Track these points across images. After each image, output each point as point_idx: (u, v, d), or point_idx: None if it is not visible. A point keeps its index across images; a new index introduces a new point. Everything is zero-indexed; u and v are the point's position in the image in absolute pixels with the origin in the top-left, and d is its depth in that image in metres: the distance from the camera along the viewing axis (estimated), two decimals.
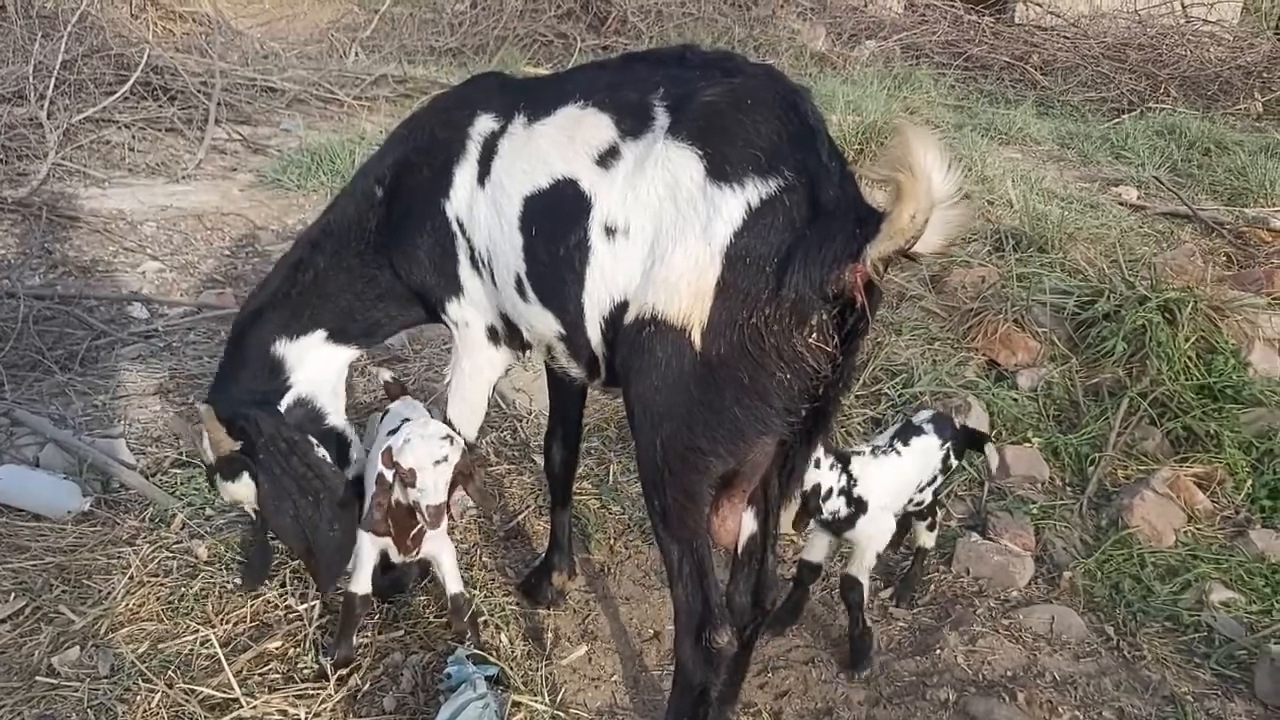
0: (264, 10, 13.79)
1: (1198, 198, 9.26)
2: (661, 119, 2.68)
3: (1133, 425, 4.99)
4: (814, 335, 2.49)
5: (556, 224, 2.80)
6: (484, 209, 3.00)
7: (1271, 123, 12.73)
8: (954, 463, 3.86)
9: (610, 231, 2.68)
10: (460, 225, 3.08)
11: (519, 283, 2.94)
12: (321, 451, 3.36)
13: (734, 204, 2.49)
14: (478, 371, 3.31)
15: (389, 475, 3.01)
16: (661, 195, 2.59)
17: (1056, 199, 8.81)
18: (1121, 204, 8.95)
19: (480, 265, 3.09)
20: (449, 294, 3.21)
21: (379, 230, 3.27)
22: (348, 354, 3.52)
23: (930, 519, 3.97)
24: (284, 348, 3.39)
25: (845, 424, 5.00)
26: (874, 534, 3.57)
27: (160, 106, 9.15)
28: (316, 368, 3.45)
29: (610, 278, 2.70)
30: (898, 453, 3.66)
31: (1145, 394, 5.05)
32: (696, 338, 2.52)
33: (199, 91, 9.34)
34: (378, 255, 3.29)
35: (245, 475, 3.23)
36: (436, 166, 3.12)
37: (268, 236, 7.14)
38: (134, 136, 8.66)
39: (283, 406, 3.39)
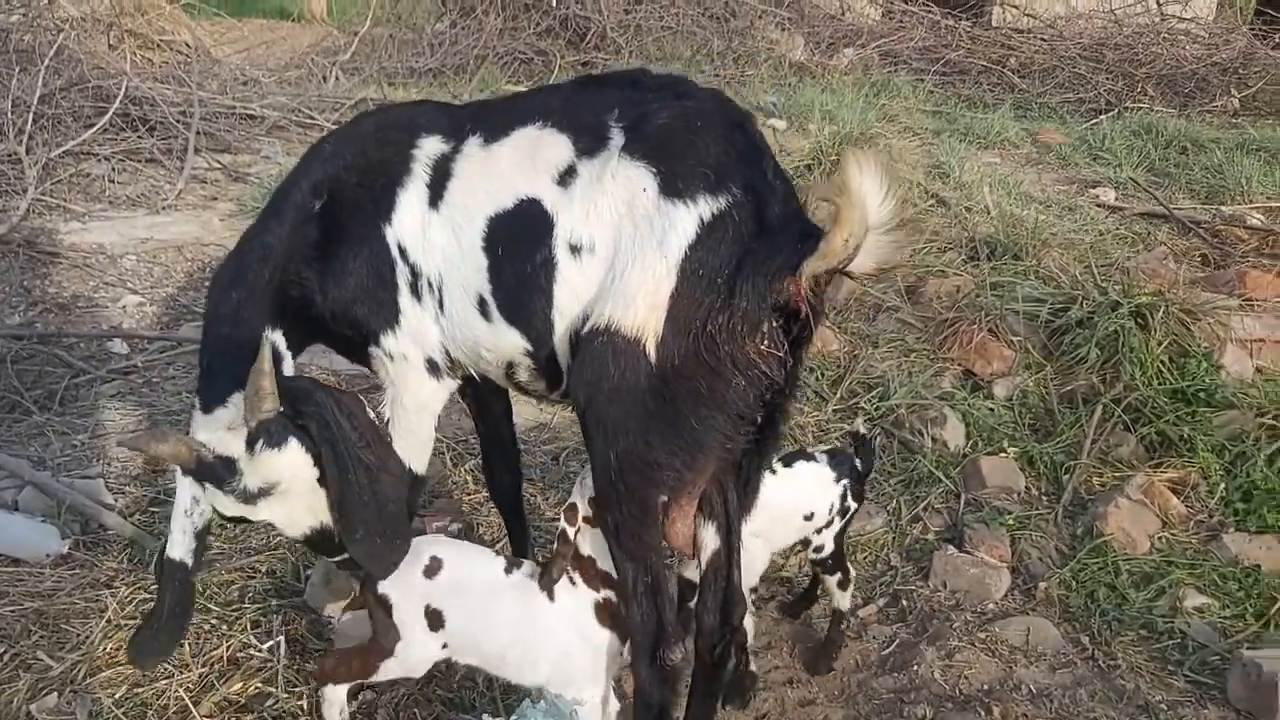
0: (243, 37, 13.83)
1: (1175, 196, 9.32)
2: (617, 139, 2.76)
3: (1107, 432, 5.03)
4: (765, 342, 2.57)
5: (521, 243, 2.83)
6: (439, 232, 2.98)
7: (1248, 119, 12.81)
8: (853, 505, 3.63)
9: (575, 249, 2.74)
10: (402, 250, 3.02)
11: (482, 303, 2.95)
12: (373, 414, 3.01)
13: (687, 219, 2.58)
14: (423, 406, 3.24)
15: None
16: (620, 212, 2.68)
17: (1035, 203, 8.86)
18: (1100, 206, 9.00)
19: (425, 291, 3.03)
20: (384, 325, 3.09)
21: (312, 247, 3.12)
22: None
23: (840, 574, 3.69)
24: (275, 336, 3.12)
25: (824, 438, 5.03)
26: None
27: (140, 137, 9.16)
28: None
29: (581, 293, 2.75)
30: (773, 471, 3.32)
31: (1119, 400, 5.09)
32: (651, 349, 2.58)
33: (178, 121, 9.37)
34: (306, 270, 3.13)
35: (293, 441, 2.77)
36: (376, 188, 3.04)
37: None
38: (114, 169, 8.67)
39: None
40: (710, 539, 3.01)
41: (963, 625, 3.98)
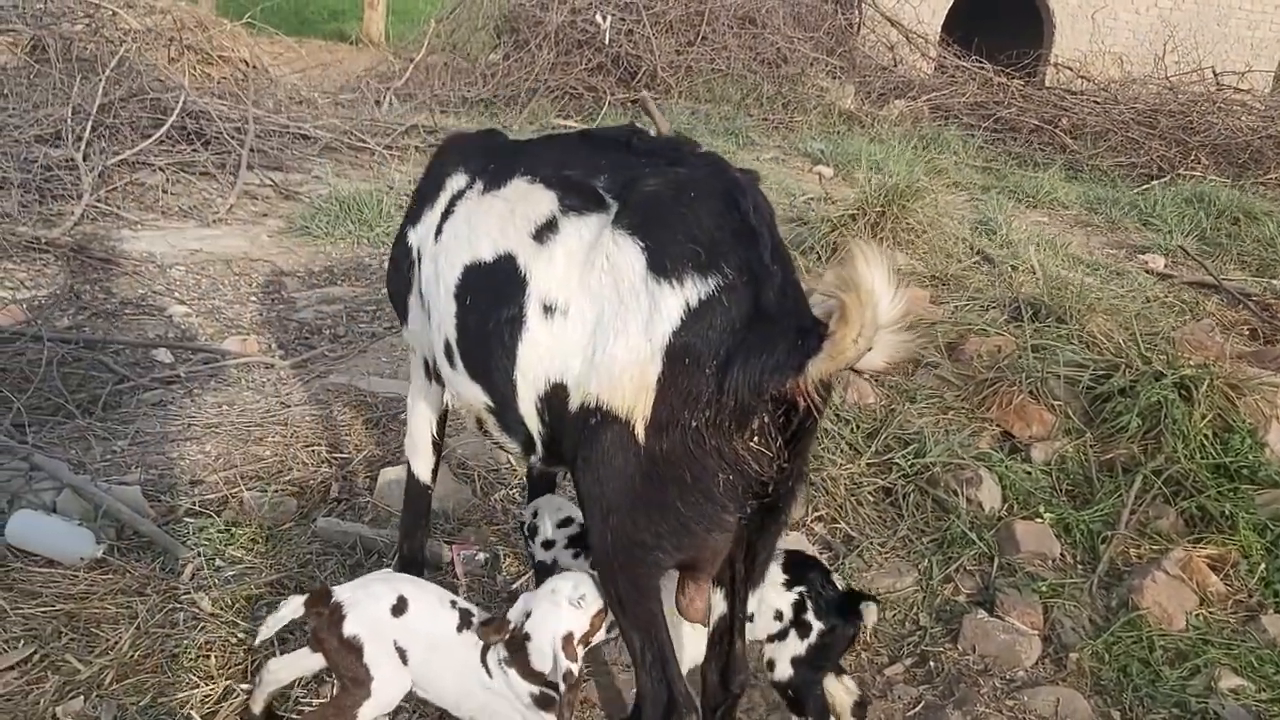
0: (300, 58, 14.01)
1: (1225, 267, 9.26)
2: (607, 204, 2.65)
3: (1146, 503, 4.96)
4: (755, 439, 2.45)
5: (490, 298, 2.78)
6: (429, 264, 3.05)
7: None
8: (815, 623, 3.26)
9: (549, 310, 2.64)
10: (418, 257, 3.16)
11: (448, 348, 2.95)
12: None
13: (673, 301, 2.43)
14: (414, 402, 3.36)
15: None
16: (605, 283, 2.55)
17: (1081, 265, 8.82)
18: (1148, 272, 8.96)
19: (423, 304, 3.16)
20: (401, 317, 3.33)
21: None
22: None
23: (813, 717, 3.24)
24: None
25: (856, 493, 4.99)
26: None
27: (194, 150, 9.29)
28: None
29: (548, 357, 2.66)
30: None
31: (1160, 471, 5.03)
32: (640, 432, 2.48)
33: (233, 137, 9.50)
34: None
35: None
36: (419, 195, 3.25)
37: (294, 284, 7.22)
38: (168, 180, 8.77)
39: None
40: (717, 604, 2.97)
41: (990, 691, 3.93)
